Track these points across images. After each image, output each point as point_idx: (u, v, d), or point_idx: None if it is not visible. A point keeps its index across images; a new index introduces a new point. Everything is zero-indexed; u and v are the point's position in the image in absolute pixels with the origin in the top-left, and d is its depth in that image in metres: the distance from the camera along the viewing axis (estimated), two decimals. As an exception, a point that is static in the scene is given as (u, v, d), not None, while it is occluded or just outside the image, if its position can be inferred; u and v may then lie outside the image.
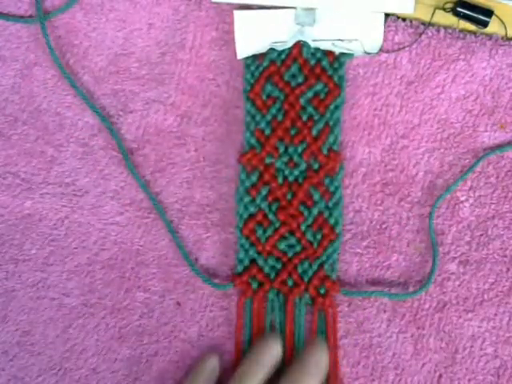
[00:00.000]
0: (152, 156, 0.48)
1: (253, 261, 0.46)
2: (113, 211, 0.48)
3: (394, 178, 0.47)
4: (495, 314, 0.45)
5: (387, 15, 0.47)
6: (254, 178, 0.46)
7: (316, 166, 0.46)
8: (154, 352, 0.47)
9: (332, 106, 0.46)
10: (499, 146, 0.46)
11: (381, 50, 0.47)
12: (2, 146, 0.49)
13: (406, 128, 0.47)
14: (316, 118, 0.46)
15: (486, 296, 0.46)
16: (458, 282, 0.46)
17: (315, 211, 0.46)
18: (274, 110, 0.46)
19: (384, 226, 0.46)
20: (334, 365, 0.45)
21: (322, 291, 0.45)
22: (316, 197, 0.46)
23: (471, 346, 0.45)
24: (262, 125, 0.46)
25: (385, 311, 0.46)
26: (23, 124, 0.49)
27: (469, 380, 0.45)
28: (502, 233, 0.46)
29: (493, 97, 0.46)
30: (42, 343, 0.47)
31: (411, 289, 0.46)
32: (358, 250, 0.46)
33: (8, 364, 0.47)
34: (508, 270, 0.46)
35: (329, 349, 0.45)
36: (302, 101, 0.46)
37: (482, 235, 0.46)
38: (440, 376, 0.45)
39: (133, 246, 0.48)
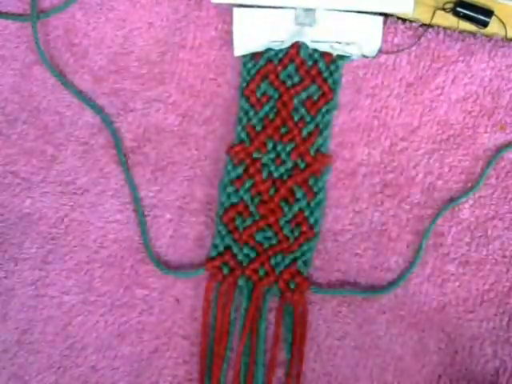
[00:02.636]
0: (153, 155, 0.51)
1: (227, 248, 0.49)
2: (113, 209, 0.50)
3: (394, 179, 0.49)
4: (495, 315, 0.47)
5: (387, 16, 0.49)
6: (239, 170, 0.49)
7: (302, 166, 0.49)
8: (153, 349, 0.49)
9: (324, 109, 0.49)
10: (500, 148, 0.48)
11: (380, 51, 0.49)
12: (2, 145, 0.52)
13: (406, 130, 0.49)
14: (307, 119, 0.49)
15: (485, 296, 0.47)
16: (457, 283, 0.48)
17: (296, 208, 0.48)
18: (267, 108, 0.49)
19: (384, 228, 0.49)
20: (298, 362, 0.47)
21: (292, 286, 0.48)
22: (298, 194, 0.49)
23: (471, 347, 0.47)
24: (254, 121, 0.49)
25: (384, 312, 0.48)
26: (23, 123, 0.52)
27: (468, 381, 0.47)
28: (501, 233, 0.48)
29: (492, 98, 0.48)
30: (41, 341, 0.49)
31: (411, 290, 0.48)
32: (358, 251, 0.49)
33: (8, 362, 0.49)
34: (508, 270, 0.48)
35: (294, 345, 0.47)
36: (295, 101, 0.49)
37: (481, 236, 0.48)
38: (440, 377, 0.47)
39: (132, 243, 0.50)
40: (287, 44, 0.49)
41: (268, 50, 0.49)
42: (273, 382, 0.47)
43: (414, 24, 0.49)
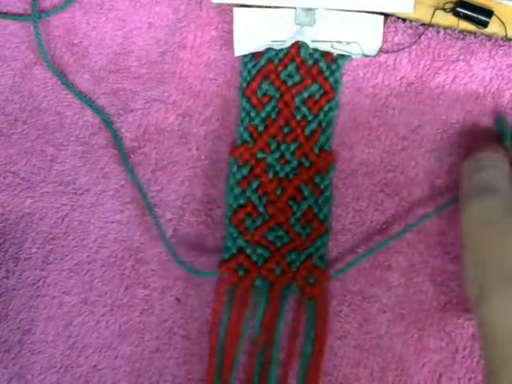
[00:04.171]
0: (153, 154, 0.51)
1: (240, 249, 0.49)
2: (113, 209, 0.51)
3: (394, 178, 0.49)
4: (495, 314, 0.48)
5: (387, 16, 0.49)
6: (244, 172, 0.49)
7: (307, 164, 0.49)
8: (154, 349, 0.49)
9: (326, 108, 0.49)
10: None
11: (380, 50, 0.49)
12: (2, 145, 0.52)
13: (406, 129, 0.49)
14: (309, 118, 0.49)
15: (486, 295, 0.48)
16: (458, 282, 0.48)
17: (304, 206, 0.49)
18: (268, 108, 0.49)
19: (384, 227, 0.49)
20: (318, 355, 0.47)
21: (311, 280, 0.48)
22: (306, 192, 0.49)
23: (471, 346, 0.47)
24: (256, 121, 0.49)
25: (385, 312, 0.48)
26: (23, 123, 0.52)
27: (469, 379, 0.47)
28: (501, 232, 0.48)
29: (493, 97, 0.49)
30: (42, 341, 0.50)
31: (411, 290, 0.48)
32: (359, 250, 0.49)
33: (10, 362, 0.50)
34: (508, 269, 0.48)
35: (316, 339, 0.47)
36: (296, 100, 0.49)
37: (482, 235, 0.48)
38: (440, 376, 0.47)
39: (133, 243, 0.50)
40: (288, 44, 0.49)
41: (268, 49, 0.49)
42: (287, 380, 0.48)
43: (414, 23, 0.49)
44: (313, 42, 0.49)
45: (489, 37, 0.49)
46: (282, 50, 0.49)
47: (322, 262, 0.48)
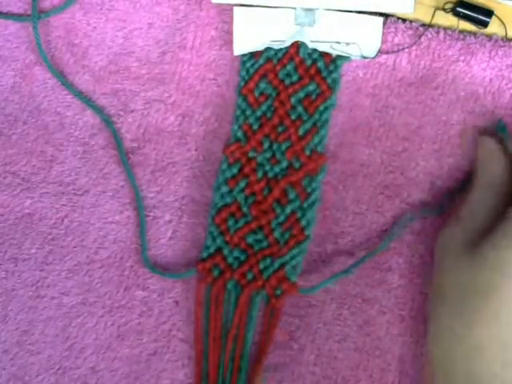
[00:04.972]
0: (152, 155, 0.51)
1: (219, 250, 0.48)
2: (112, 210, 0.50)
3: (394, 180, 0.48)
4: (495, 316, 0.47)
5: (387, 16, 0.49)
6: (234, 170, 0.49)
7: (297, 165, 0.48)
8: (153, 351, 0.49)
9: (321, 107, 0.48)
10: None
11: (379, 52, 0.49)
12: (2, 146, 0.51)
13: (407, 129, 0.49)
14: (304, 118, 0.48)
15: (486, 297, 0.47)
16: (458, 284, 0.48)
17: (288, 210, 0.48)
18: (264, 107, 0.49)
19: (384, 228, 0.48)
20: (259, 356, 0.47)
21: (279, 292, 0.47)
22: (291, 195, 0.48)
23: (471, 347, 0.47)
24: (251, 120, 0.49)
25: (385, 313, 0.48)
26: (23, 123, 0.52)
27: (468, 381, 0.47)
28: (502, 233, 0.48)
29: (493, 98, 0.48)
30: (41, 342, 0.49)
31: (411, 291, 0.47)
32: (360, 253, 0.48)
33: (8, 363, 0.49)
34: (508, 271, 0.47)
35: (262, 340, 0.47)
36: (292, 100, 0.49)
37: (482, 236, 0.48)
38: (440, 377, 0.47)
39: (132, 244, 0.50)
40: (287, 43, 0.49)
41: (267, 49, 0.49)
42: None
43: (414, 24, 0.49)
44: (312, 42, 0.48)
45: (489, 37, 0.48)
46: (281, 49, 0.49)
47: (293, 274, 0.47)
